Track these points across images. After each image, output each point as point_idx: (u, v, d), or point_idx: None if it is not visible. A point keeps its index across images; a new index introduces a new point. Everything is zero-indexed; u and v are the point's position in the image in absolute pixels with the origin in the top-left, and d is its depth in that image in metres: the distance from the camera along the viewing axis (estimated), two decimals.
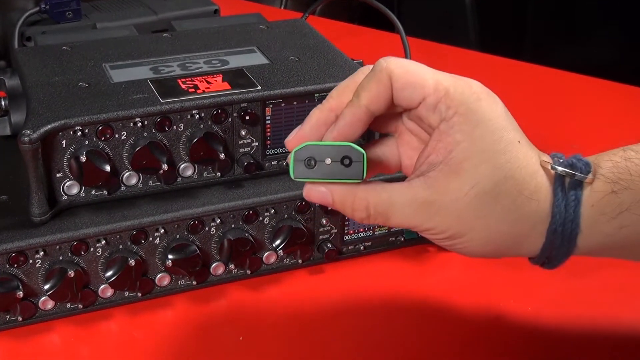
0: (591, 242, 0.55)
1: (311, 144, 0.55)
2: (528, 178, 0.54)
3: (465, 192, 0.53)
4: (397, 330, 0.74)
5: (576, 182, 0.54)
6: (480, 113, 0.53)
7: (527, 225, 0.54)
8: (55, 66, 0.80)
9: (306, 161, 0.54)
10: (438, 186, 0.54)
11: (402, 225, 0.56)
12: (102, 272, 0.73)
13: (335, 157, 0.54)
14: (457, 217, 0.54)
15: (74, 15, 1.03)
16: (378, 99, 0.55)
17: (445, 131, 0.53)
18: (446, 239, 0.56)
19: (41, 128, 0.68)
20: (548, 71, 1.23)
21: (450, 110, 0.53)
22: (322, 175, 0.55)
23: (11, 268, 0.69)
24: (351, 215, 0.56)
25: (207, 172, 0.76)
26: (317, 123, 0.56)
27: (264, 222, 0.77)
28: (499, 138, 0.53)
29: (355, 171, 0.54)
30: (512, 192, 0.53)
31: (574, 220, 0.54)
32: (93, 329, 0.73)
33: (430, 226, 0.55)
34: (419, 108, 0.55)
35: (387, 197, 0.55)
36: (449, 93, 0.53)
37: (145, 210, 0.73)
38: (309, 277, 0.80)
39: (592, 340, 0.72)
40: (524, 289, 0.78)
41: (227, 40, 0.87)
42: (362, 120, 0.55)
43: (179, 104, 0.73)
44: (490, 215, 0.54)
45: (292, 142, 0.56)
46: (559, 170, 0.54)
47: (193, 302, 0.76)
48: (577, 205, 0.54)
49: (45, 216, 0.71)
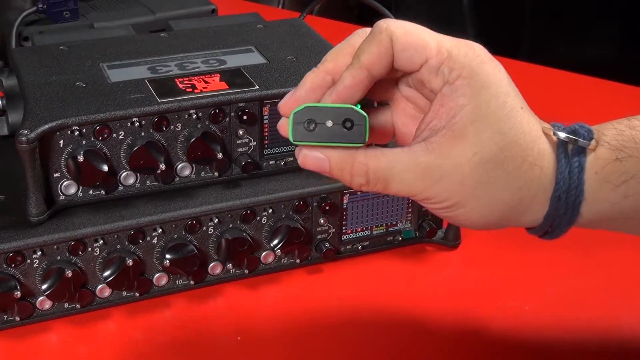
0: (595, 210, 0.54)
1: (311, 105, 0.52)
2: (531, 144, 0.52)
3: (468, 157, 0.51)
4: (395, 329, 0.74)
5: (579, 148, 0.53)
6: (484, 76, 0.52)
7: (530, 192, 0.53)
8: (52, 66, 0.80)
9: (306, 123, 0.52)
10: (440, 151, 0.52)
11: (401, 192, 0.54)
12: (99, 272, 0.73)
13: (337, 120, 0.52)
14: (460, 184, 0.52)
15: (71, 15, 1.03)
16: (379, 62, 0.53)
17: (448, 95, 0.52)
18: (447, 209, 0.54)
19: (39, 128, 0.68)
20: (546, 70, 1.23)
21: (453, 72, 0.52)
22: (323, 139, 0.52)
23: (9, 268, 0.69)
24: (349, 181, 0.54)
25: (205, 172, 0.76)
26: (312, 86, 0.54)
27: (262, 221, 0.77)
28: (503, 103, 0.52)
29: (357, 134, 0.52)
30: (516, 158, 0.52)
31: (578, 187, 0.52)
32: (91, 328, 0.73)
33: (431, 194, 0.53)
34: (421, 71, 0.53)
35: (387, 162, 0.53)
36: (452, 55, 0.52)
37: (142, 210, 0.73)
38: (307, 276, 0.80)
39: (591, 341, 0.72)
40: (522, 289, 0.78)
41: (225, 39, 0.87)
42: (362, 84, 0.53)
43: (177, 103, 0.73)
44: (494, 182, 0.52)
45: (287, 105, 0.54)
46: (562, 136, 0.53)
47: (191, 302, 0.76)
48: (581, 172, 0.52)
49: (42, 216, 0.71)
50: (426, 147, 0.52)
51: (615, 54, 2.04)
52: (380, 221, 0.82)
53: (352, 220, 0.80)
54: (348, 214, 0.80)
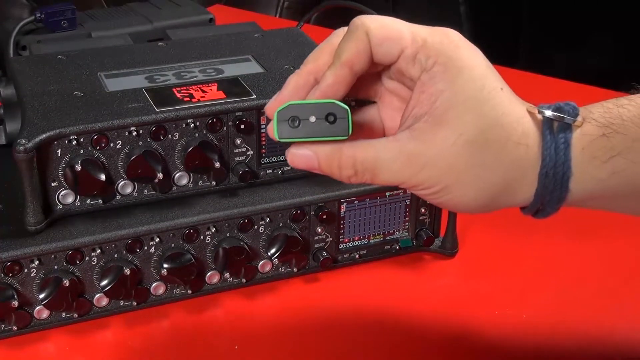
0: (584, 187, 0.54)
1: (294, 103, 0.53)
2: (514, 124, 0.53)
3: (452, 141, 0.52)
4: (392, 338, 0.74)
5: (565, 125, 0.53)
6: (461, 61, 0.53)
7: (518, 171, 0.53)
8: (50, 75, 0.80)
9: (290, 120, 0.53)
10: (424, 138, 0.52)
11: (389, 181, 0.54)
12: (97, 281, 0.72)
13: (319, 115, 0.53)
14: (447, 168, 0.53)
15: (69, 24, 1.04)
16: (359, 57, 0.54)
17: (427, 82, 0.53)
18: (436, 194, 0.54)
19: (36, 137, 0.68)
20: (543, 79, 1.24)
21: (429, 60, 0.53)
22: (307, 134, 0.53)
23: (6, 277, 0.69)
24: (338, 175, 0.54)
25: (202, 181, 0.76)
26: (295, 87, 0.55)
27: (259, 230, 0.77)
28: (481, 86, 0.53)
29: (341, 128, 0.53)
30: (499, 139, 0.52)
31: (565, 163, 0.53)
32: (88, 338, 0.73)
33: (419, 181, 0.53)
34: (399, 61, 0.54)
35: (374, 152, 0.53)
36: (427, 43, 0.53)
37: (140, 219, 0.73)
38: (304, 285, 0.80)
39: (588, 350, 0.72)
40: (519, 297, 0.78)
41: (222, 49, 0.87)
42: (345, 81, 0.54)
43: (174, 112, 0.73)
44: (480, 164, 0.53)
45: (272, 107, 0.55)
46: (547, 114, 0.53)
47: (188, 311, 0.76)
48: (567, 148, 0.53)
49: (40, 225, 0.71)
50: (410, 134, 0.53)
51: (612, 62, 2.04)
52: (378, 230, 0.82)
53: (350, 229, 0.80)
54: (345, 222, 0.80)
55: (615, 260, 0.83)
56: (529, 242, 0.86)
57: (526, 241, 0.86)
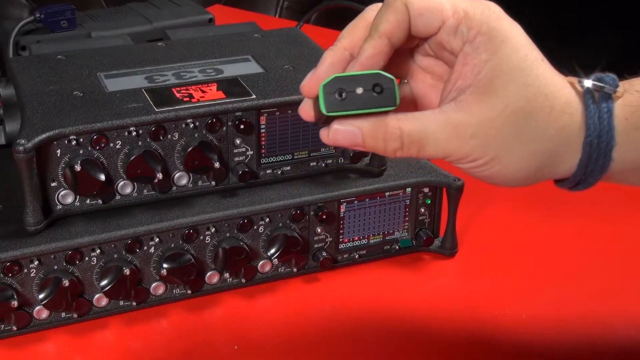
0: (627, 158, 0.54)
1: (339, 75, 0.52)
2: (557, 94, 0.53)
3: (499, 111, 0.52)
4: (392, 338, 0.74)
5: (605, 95, 0.53)
6: (503, 31, 0.53)
7: (562, 141, 0.53)
8: (50, 75, 0.80)
9: (337, 93, 0.51)
10: (470, 109, 0.52)
11: (436, 154, 0.53)
12: (96, 281, 0.72)
13: (366, 86, 0.51)
14: (494, 138, 0.52)
15: (68, 24, 1.04)
16: (398, 28, 0.53)
17: (470, 53, 0.53)
18: (483, 166, 0.54)
19: (36, 137, 0.68)
20: None
21: (472, 31, 0.53)
22: (356, 106, 0.51)
23: (6, 277, 0.69)
24: (383, 149, 0.53)
25: (202, 181, 0.76)
26: (332, 63, 0.55)
27: (259, 230, 0.77)
28: (524, 56, 0.53)
29: (389, 98, 0.51)
30: (544, 107, 0.53)
31: (609, 132, 0.53)
32: (88, 338, 0.73)
33: (466, 152, 0.53)
34: (439, 33, 0.54)
35: (420, 124, 0.53)
36: (469, 14, 0.53)
37: (140, 219, 0.73)
38: (304, 285, 0.80)
39: (588, 348, 0.73)
40: (519, 297, 0.78)
41: (222, 49, 0.87)
42: (383, 52, 0.53)
43: (174, 113, 0.73)
44: (525, 133, 0.53)
45: (308, 85, 0.54)
46: (588, 84, 0.54)
47: (188, 311, 0.76)
48: (610, 117, 0.53)
49: (39, 225, 0.71)
50: (455, 106, 0.53)
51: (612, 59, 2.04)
52: (377, 230, 0.82)
53: (349, 229, 0.80)
54: (345, 222, 0.80)
55: (615, 260, 0.83)
56: (529, 242, 0.86)
57: (526, 241, 0.86)
